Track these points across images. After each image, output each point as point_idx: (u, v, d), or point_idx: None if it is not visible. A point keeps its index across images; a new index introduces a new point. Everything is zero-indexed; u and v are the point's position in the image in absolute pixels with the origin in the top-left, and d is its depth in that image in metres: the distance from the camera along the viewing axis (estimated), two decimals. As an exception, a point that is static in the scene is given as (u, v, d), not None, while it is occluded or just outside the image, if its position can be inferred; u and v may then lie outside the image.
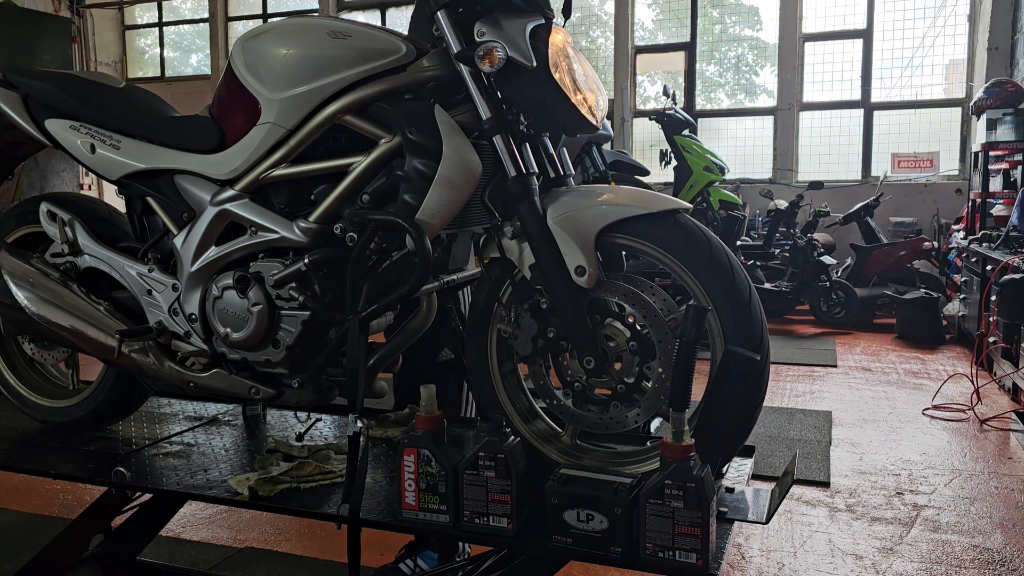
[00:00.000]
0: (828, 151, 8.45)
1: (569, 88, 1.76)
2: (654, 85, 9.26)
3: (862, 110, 8.28)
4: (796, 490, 3.22)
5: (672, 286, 4.87)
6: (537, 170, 1.80)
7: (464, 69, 1.74)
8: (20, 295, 2.16)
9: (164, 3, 11.07)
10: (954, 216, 7.55)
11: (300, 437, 2.19)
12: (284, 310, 1.93)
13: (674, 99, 6.84)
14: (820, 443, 3.79)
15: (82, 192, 7.78)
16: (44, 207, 2.20)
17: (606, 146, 5.33)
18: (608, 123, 5.23)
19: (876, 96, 8.25)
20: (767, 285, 6.98)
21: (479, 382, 1.94)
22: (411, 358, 2.25)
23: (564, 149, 1.97)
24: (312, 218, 1.87)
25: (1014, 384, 4.43)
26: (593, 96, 1.84)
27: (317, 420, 2.42)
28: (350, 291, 1.81)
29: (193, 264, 1.99)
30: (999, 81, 6.39)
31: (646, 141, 8.88)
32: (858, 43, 8.28)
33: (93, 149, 2.06)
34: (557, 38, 1.76)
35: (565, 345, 1.82)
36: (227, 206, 1.94)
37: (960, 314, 5.93)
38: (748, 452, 2.01)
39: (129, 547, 2.47)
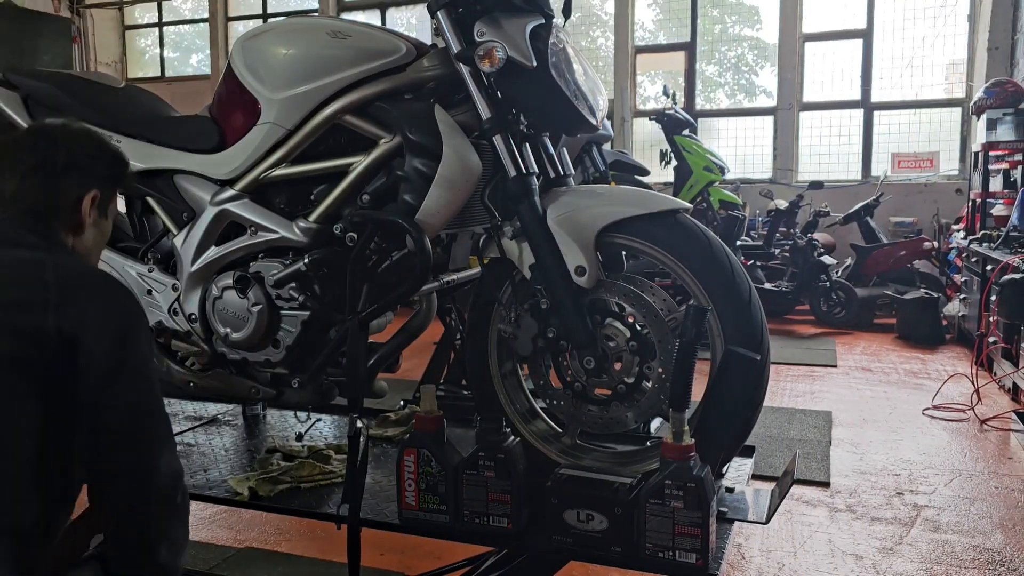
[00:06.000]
0: (828, 151, 8.44)
1: (569, 88, 1.76)
2: (654, 85, 9.25)
3: (862, 110, 8.27)
4: (796, 490, 3.22)
5: (672, 286, 4.86)
6: (537, 170, 1.80)
7: (464, 69, 1.74)
8: (20, 295, 2.15)
9: (164, 3, 11.06)
10: (954, 216, 7.54)
11: (300, 437, 2.19)
12: (284, 310, 1.93)
13: (674, 99, 6.84)
14: (820, 443, 3.79)
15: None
16: (44, 207, 2.20)
17: (606, 146, 5.33)
18: (608, 123, 5.24)
19: (876, 96, 8.24)
20: (767, 285, 6.97)
21: (479, 382, 1.94)
22: None
23: (564, 149, 1.97)
24: (312, 218, 1.87)
25: (1014, 384, 4.42)
26: (593, 96, 1.84)
27: (317, 420, 2.42)
28: (350, 291, 1.81)
29: (193, 264, 1.99)
30: (999, 81, 6.39)
31: (646, 141, 8.86)
32: (858, 43, 8.26)
33: (93, 149, 2.06)
34: (557, 38, 1.76)
35: (565, 345, 1.82)
36: (227, 206, 1.94)
37: (960, 314, 5.93)
38: (748, 452, 2.02)
39: (129, 547, 2.47)
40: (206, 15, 10.67)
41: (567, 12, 1.94)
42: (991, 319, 4.61)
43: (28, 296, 1.19)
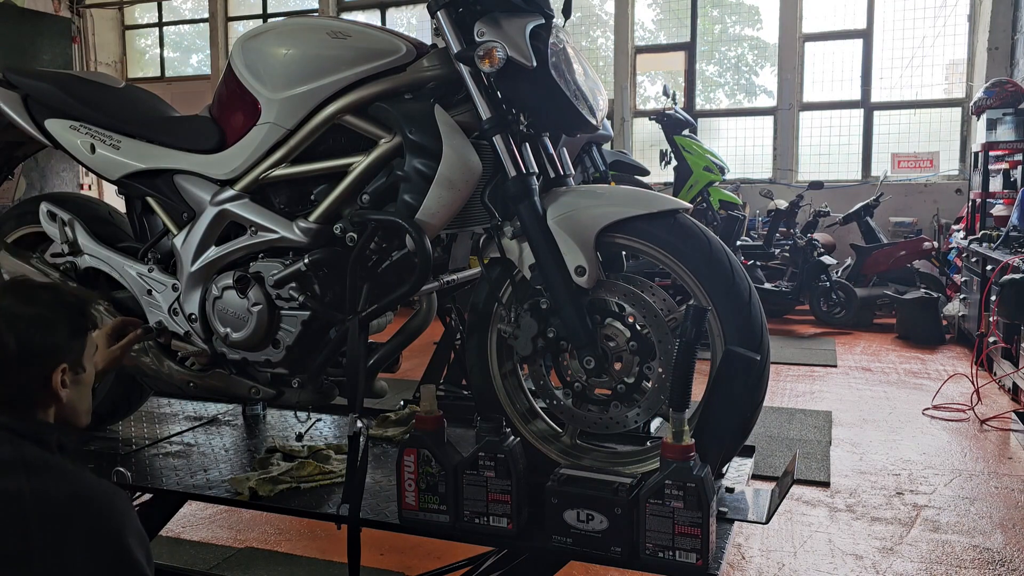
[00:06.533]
0: (828, 151, 8.44)
1: (569, 88, 1.76)
2: (654, 85, 9.24)
3: (862, 110, 8.27)
4: (796, 490, 3.22)
5: (672, 286, 4.86)
6: (537, 170, 1.80)
7: (464, 69, 1.74)
8: (20, 295, 2.15)
9: (164, 3, 11.06)
10: (954, 216, 7.54)
11: (300, 437, 2.19)
12: (284, 310, 1.93)
13: (674, 99, 6.83)
14: (820, 443, 3.79)
15: (82, 192, 7.78)
16: (44, 207, 2.20)
17: (606, 146, 5.32)
18: (608, 123, 5.23)
19: (876, 96, 8.24)
20: (767, 285, 6.97)
21: (479, 382, 1.94)
22: None
23: (564, 149, 1.97)
24: (312, 218, 1.87)
25: (1014, 384, 4.42)
26: (593, 96, 1.84)
27: (317, 420, 2.42)
28: (350, 291, 1.81)
29: (193, 264, 1.99)
30: (999, 81, 6.39)
31: (646, 141, 8.86)
32: (858, 43, 8.27)
33: (93, 149, 2.06)
34: (557, 38, 1.76)
35: (565, 345, 1.82)
36: (227, 206, 1.94)
37: (960, 314, 5.93)
38: (748, 452, 2.02)
39: (129, 547, 2.46)
40: (206, 15, 10.67)
41: (567, 12, 1.94)
42: (991, 319, 4.61)
43: (11, 543, 1.14)
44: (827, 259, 6.80)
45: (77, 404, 1.38)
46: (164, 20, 11.18)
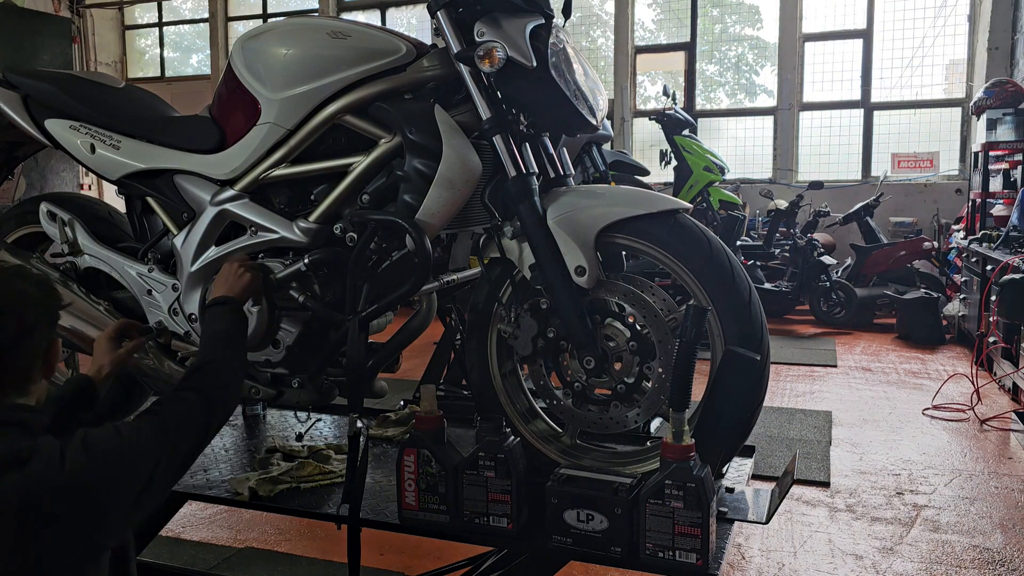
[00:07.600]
0: (828, 151, 8.44)
1: (569, 88, 1.76)
2: (654, 85, 9.24)
3: (862, 110, 8.27)
4: (796, 490, 3.22)
5: (672, 286, 4.86)
6: (537, 170, 1.80)
7: (464, 69, 1.74)
8: (20, 295, 2.15)
9: (164, 3, 11.06)
10: (954, 216, 7.53)
11: (300, 437, 2.19)
12: (284, 310, 1.93)
13: (674, 99, 6.83)
14: (820, 443, 3.79)
15: (82, 192, 7.78)
16: (44, 207, 2.20)
17: (606, 146, 5.32)
18: (608, 123, 5.22)
19: (876, 96, 8.24)
20: (767, 285, 6.97)
21: (479, 382, 1.94)
22: None
23: (564, 149, 1.97)
24: (312, 218, 1.87)
25: (1014, 384, 4.42)
26: (593, 96, 1.84)
27: (317, 420, 2.42)
28: (350, 291, 1.81)
29: (193, 264, 1.99)
30: (999, 81, 6.38)
31: (646, 141, 8.86)
32: (858, 43, 8.26)
33: (93, 149, 2.06)
34: (557, 38, 1.76)
35: (565, 345, 1.82)
36: (227, 206, 1.94)
37: (960, 314, 5.93)
38: (748, 452, 2.02)
39: (129, 547, 2.47)
40: (206, 15, 10.67)
41: (567, 12, 1.94)
42: (991, 319, 4.61)
43: (28, 523, 1.16)
44: (827, 259, 6.80)
45: (43, 387, 1.37)
46: (164, 20, 11.17)
